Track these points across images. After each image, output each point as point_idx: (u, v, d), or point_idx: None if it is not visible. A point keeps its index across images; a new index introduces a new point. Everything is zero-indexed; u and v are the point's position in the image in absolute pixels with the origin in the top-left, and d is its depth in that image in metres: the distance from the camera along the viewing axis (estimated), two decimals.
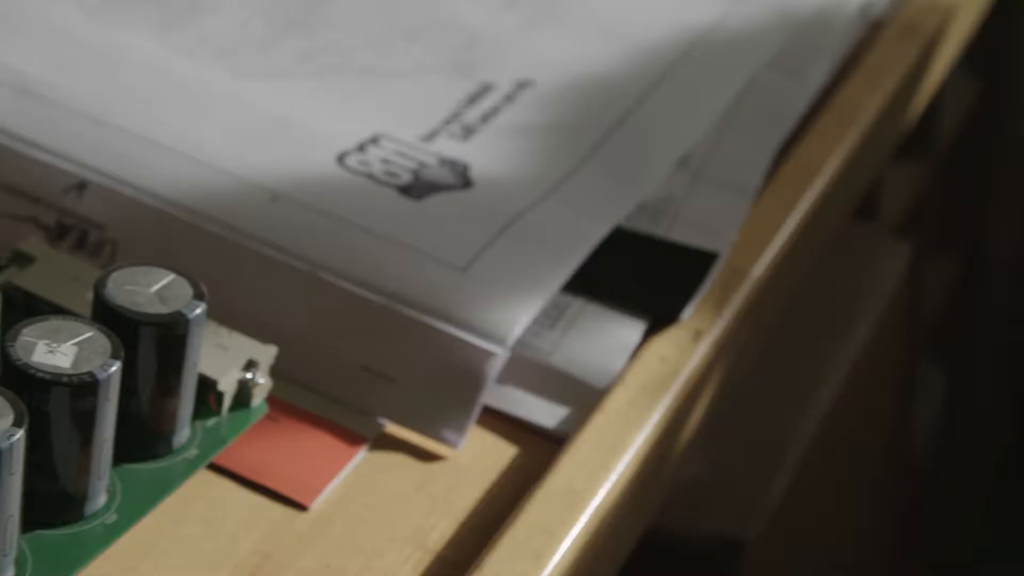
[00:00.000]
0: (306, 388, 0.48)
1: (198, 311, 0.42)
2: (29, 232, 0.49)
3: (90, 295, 0.45)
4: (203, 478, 0.45)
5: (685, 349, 0.51)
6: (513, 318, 0.48)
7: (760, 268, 0.55)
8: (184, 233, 0.49)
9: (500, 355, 0.48)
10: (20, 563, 0.39)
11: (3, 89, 0.52)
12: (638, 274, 0.53)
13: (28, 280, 0.45)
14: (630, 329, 0.52)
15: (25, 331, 0.40)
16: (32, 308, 0.44)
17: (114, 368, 0.39)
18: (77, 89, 0.53)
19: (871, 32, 0.67)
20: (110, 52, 0.55)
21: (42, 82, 0.53)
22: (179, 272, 0.43)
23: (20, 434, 0.37)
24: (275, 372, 0.46)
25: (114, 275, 0.42)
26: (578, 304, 0.52)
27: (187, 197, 0.50)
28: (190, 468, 0.43)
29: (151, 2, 0.58)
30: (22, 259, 0.46)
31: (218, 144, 0.52)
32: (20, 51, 0.54)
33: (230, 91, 0.55)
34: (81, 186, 0.50)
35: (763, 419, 0.74)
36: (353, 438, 0.47)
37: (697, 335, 0.52)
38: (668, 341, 0.51)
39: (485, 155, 0.54)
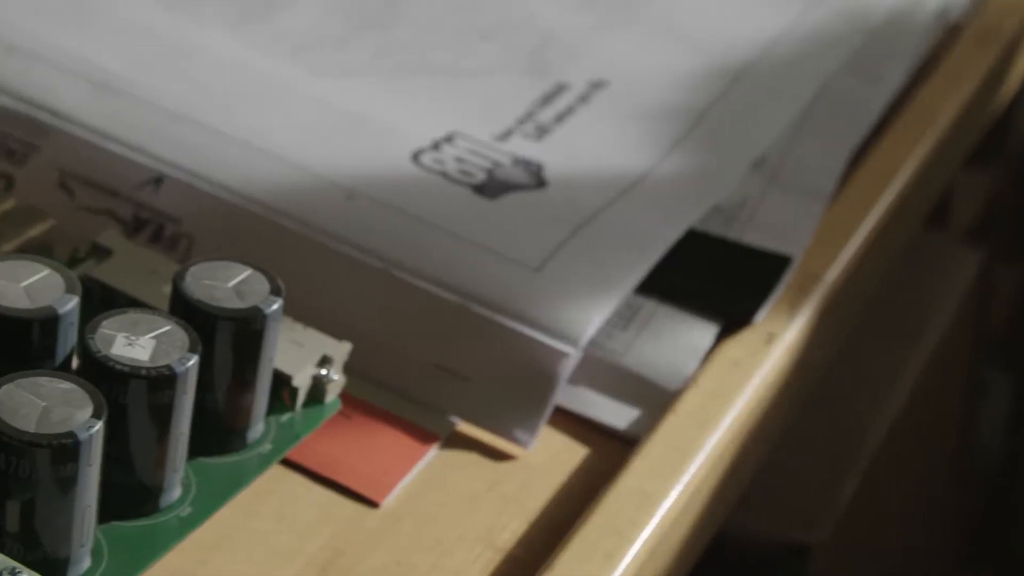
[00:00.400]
0: (379, 385, 0.48)
1: (275, 307, 0.42)
2: (106, 225, 0.50)
3: (167, 289, 0.45)
4: (276, 473, 0.45)
5: (758, 352, 0.51)
6: (586, 318, 0.48)
7: (834, 272, 0.54)
8: (259, 228, 0.49)
9: (573, 355, 0.48)
10: (96, 554, 0.39)
11: (81, 83, 0.52)
12: (711, 276, 0.53)
13: (106, 273, 0.45)
14: (703, 331, 0.51)
15: (104, 323, 0.40)
16: (109, 300, 0.45)
17: (192, 362, 0.40)
18: (154, 83, 0.53)
19: (948, 36, 0.67)
20: (187, 47, 0.56)
21: (120, 76, 0.53)
22: (256, 267, 0.43)
23: (99, 426, 0.37)
24: (348, 369, 0.46)
25: (192, 269, 0.42)
26: (651, 305, 0.52)
27: (263, 193, 0.50)
28: (264, 463, 0.44)
29: None
30: (100, 252, 0.46)
31: (294, 140, 0.52)
32: (98, 45, 0.54)
33: (306, 87, 0.55)
34: (158, 180, 0.50)
35: (833, 423, 0.74)
36: (425, 436, 0.47)
37: (770, 338, 0.51)
38: (741, 344, 0.51)
39: (559, 155, 0.54)
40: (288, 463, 0.45)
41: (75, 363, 0.41)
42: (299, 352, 0.45)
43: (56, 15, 0.55)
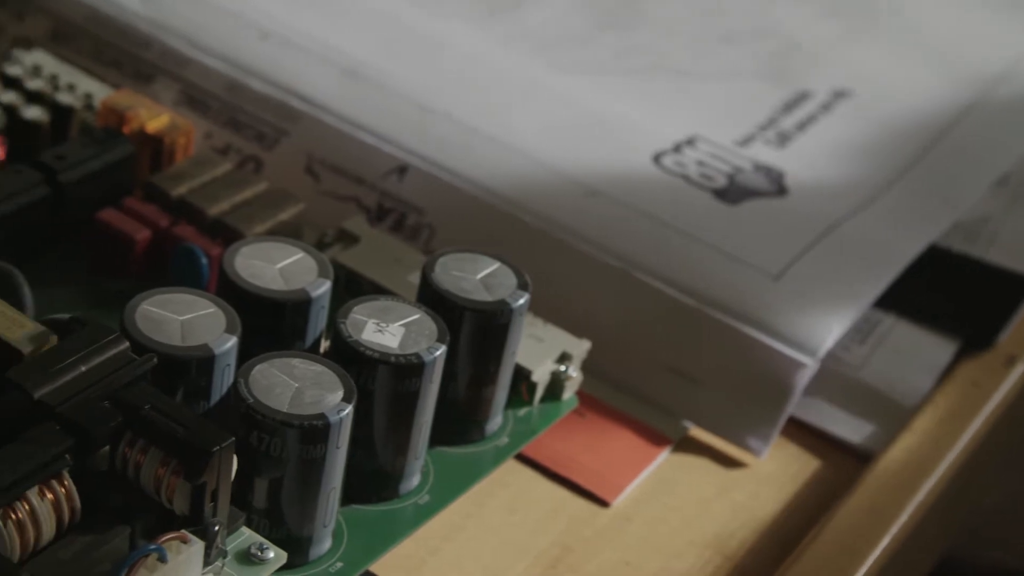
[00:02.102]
0: (612, 385, 0.48)
1: (521, 301, 0.42)
2: (350, 212, 0.50)
3: (410, 277, 0.45)
4: (510, 466, 0.45)
5: (996, 374, 0.50)
6: (825, 330, 0.48)
7: None
8: (500, 222, 0.50)
9: (810, 366, 0.47)
10: (337, 536, 0.40)
11: (332, 70, 0.53)
12: (951, 294, 0.52)
13: (352, 259, 0.46)
14: (941, 349, 0.51)
15: (356, 309, 0.41)
16: (354, 286, 0.45)
17: (440, 351, 0.40)
18: (401, 73, 0.54)
19: None
20: (434, 39, 0.56)
21: (368, 65, 0.54)
22: (504, 261, 0.43)
23: (349, 409, 0.38)
24: (584, 367, 0.46)
25: (442, 260, 0.43)
26: (889, 320, 0.51)
27: (505, 186, 0.50)
28: (500, 456, 0.44)
29: None
30: (347, 238, 0.47)
31: (536, 136, 0.53)
32: (349, 34, 0.55)
33: (549, 84, 0.55)
34: (402, 170, 0.51)
35: None
36: (657, 438, 0.47)
37: (1010, 361, 0.50)
38: (980, 365, 0.50)
39: (800, 163, 0.54)
40: (521, 457, 0.46)
41: (323, 346, 0.42)
42: (539, 347, 0.45)
43: (308, 3, 0.56)
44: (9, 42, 0.54)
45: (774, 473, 0.47)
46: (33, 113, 0.48)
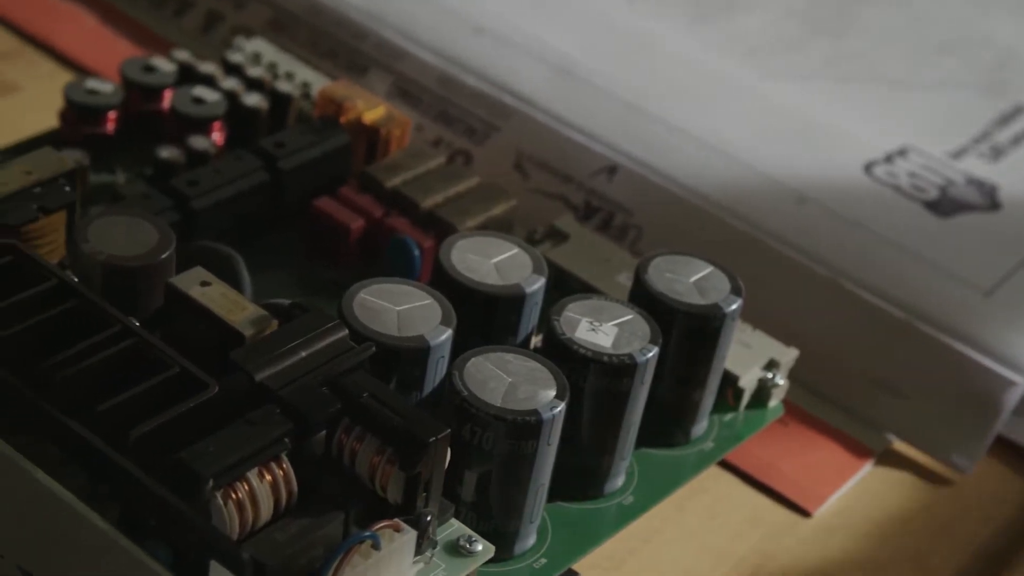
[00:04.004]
0: (816, 394, 0.48)
1: (734, 306, 0.42)
2: (556, 209, 0.51)
3: (619, 277, 0.45)
4: (711, 471, 0.45)
5: None
6: None
7: None
8: (708, 225, 0.49)
9: (1021, 385, 0.46)
10: (541, 532, 0.40)
11: (544, 67, 0.53)
12: None
13: (562, 256, 0.46)
14: None
15: (569, 307, 0.41)
16: (564, 283, 0.45)
17: (652, 353, 0.40)
18: (613, 73, 0.54)
19: None
20: (645, 40, 0.56)
21: (580, 64, 0.54)
22: (717, 265, 0.43)
23: (562, 407, 0.38)
24: (790, 374, 0.46)
25: (655, 261, 0.43)
26: None
27: (714, 190, 0.50)
28: (704, 460, 0.44)
29: None
30: (557, 235, 0.47)
31: (746, 140, 0.52)
32: (562, 32, 0.55)
33: (759, 88, 0.55)
34: (612, 170, 0.51)
35: None
36: (860, 450, 0.47)
37: None
38: None
39: (1014, 178, 0.53)
40: (722, 463, 0.45)
41: (533, 342, 0.42)
42: (747, 353, 0.45)
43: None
44: (229, 30, 0.55)
45: (979, 491, 0.47)
46: (253, 100, 0.48)
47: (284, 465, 0.35)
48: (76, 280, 0.38)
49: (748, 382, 0.45)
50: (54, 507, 0.34)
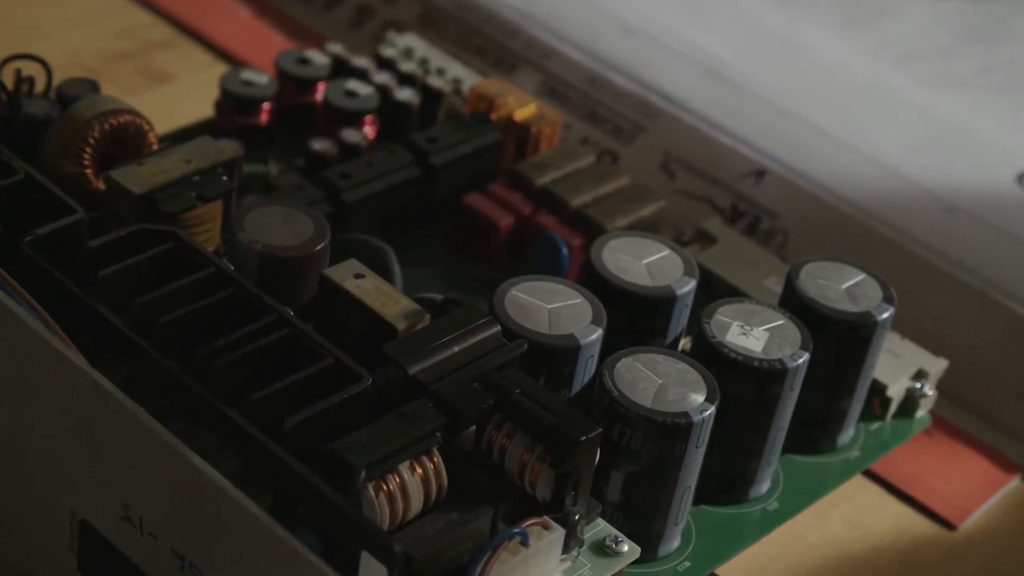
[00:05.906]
0: (963, 405, 0.47)
1: (886, 315, 0.42)
2: (702, 212, 0.50)
3: (767, 281, 0.45)
4: (855, 480, 0.44)
5: None
6: None
7: None
8: (856, 232, 0.49)
9: None
10: (686, 535, 0.40)
11: (693, 69, 0.53)
12: None
13: (710, 259, 0.46)
14: None
15: (720, 310, 0.40)
16: (711, 286, 0.45)
17: (803, 359, 0.40)
18: (762, 77, 0.53)
19: None
20: (795, 44, 0.56)
21: (730, 66, 0.53)
22: (869, 272, 0.43)
23: (711, 410, 0.38)
24: (937, 385, 0.45)
25: (807, 267, 0.42)
26: None
27: (862, 196, 0.50)
28: (850, 469, 0.43)
29: (837, 0, 0.58)
30: (705, 237, 0.47)
31: (895, 147, 0.52)
32: (712, 35, 0.55)
33: (909, 95, 0.54)
34: (760, 173, 0.50)
35: None
36: (1007, 464, 0.46)
37: None
38: None
39: None
40: (866, 472, 0.45)
41: (681, 344, 0.42)
42: (895, 362, 0.44)
43: (672, 0, 0.56)
44: (379, 25, 0.56)
45: None
46: (405, 95, 0.49)
47: (435, 459, 0.35)
48: (232, 268, 0.38)
49: (896, 391, 0.44)
50: (208, 492, 0.34)
